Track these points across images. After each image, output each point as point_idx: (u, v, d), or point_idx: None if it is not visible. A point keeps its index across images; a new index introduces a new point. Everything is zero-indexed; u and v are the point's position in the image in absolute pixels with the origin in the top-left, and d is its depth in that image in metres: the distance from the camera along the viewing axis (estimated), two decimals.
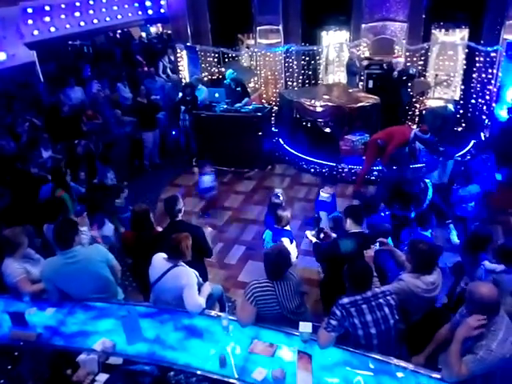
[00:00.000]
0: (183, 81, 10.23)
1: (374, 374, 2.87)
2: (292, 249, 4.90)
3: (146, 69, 11.60)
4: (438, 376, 2.83)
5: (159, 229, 4.38)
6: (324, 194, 5.82)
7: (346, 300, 3.05)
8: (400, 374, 2.86)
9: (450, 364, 2.73)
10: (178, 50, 10.32)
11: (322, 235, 4.68)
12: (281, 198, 5.41)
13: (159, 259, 3.62)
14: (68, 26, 9.91)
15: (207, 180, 6.81)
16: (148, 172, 8.72)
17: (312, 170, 8.44)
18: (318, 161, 8.38)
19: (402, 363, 2.96)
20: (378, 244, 3.94)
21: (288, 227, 4.89)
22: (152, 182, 8.26)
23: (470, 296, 2.77)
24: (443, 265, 4.46)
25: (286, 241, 4.77)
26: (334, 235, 4.65)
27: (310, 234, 4.83)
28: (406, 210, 5.44)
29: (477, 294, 2.72)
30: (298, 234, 5.50)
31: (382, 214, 5.90)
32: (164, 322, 3.41)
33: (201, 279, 3.71)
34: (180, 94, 8.90)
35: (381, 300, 3.08)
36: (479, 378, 2.72)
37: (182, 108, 8.63)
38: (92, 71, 10.86)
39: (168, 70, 11.71)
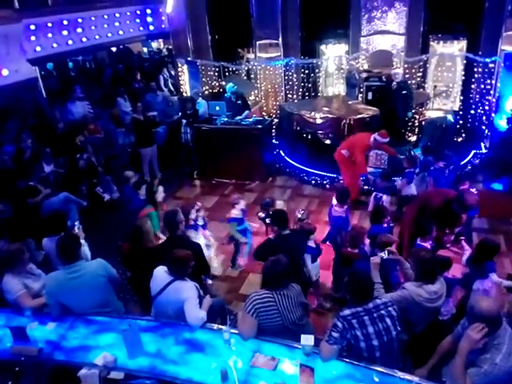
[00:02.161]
0: (184, 95, 10.34)
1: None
2: (314, 267, 4.94)
3: (137, 85, 11.62)
4: None
5: (160, 241, 4.40)
6: (338, 209, 5.76)
7: (347, 312, 3.04)
8: None
9: (455, 377, 2.70)
10: (179, 65, 10.46)
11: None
12: (305, 214, 5.46)
13: (161, 272, 3.62)
14: (70, 42, 10.04)
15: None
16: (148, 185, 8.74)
17: (313, 181, 8.46)
18: (319, 172, 8.41)
19: (406, 376, 2.93)
20: (386, 252, 3.95)
21: (312, 243, 4.92)
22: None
23: (470, 310, 2.76)
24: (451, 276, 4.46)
25: (307, 258, 4.79)
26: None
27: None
28: (450, 230, 5.33)
29: (476, 308, 2.71)
30: None
31: (385, 224, 5.89)
32: (165, 336, 3.40)
33: (202, 292, 3.70)
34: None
35: (382, 311, 3.06)
36: None
37: (183, 121, 8.69)
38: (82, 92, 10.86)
39: (169, 84, 11.83)
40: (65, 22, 9.89)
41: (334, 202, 5.89)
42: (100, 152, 8.39)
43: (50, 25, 9.57)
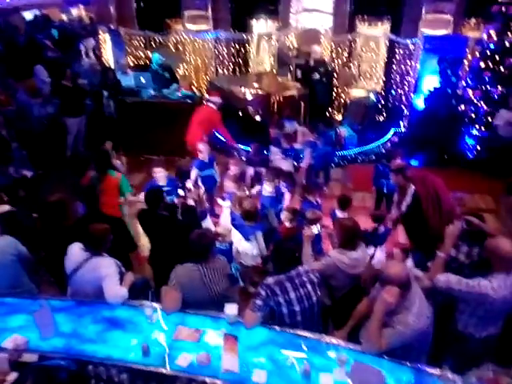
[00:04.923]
0: (107, 65, 9.74)
1: (301, 350, 2.90)
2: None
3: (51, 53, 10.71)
4: (359, 349, 2.92)
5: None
6: (268, 188, 5.46)
7: (270, 280, 3.08)
8: (327, 351, 2.91)
9: (371, 338, 2.84)
10: (101, 33, 9.81)
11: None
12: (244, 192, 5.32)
13: (75, 249, 3.41)
14: None
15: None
16: (69, 161, 8.18)
17: (243, 158, 8.43)
18: (250, 149, 8.39)
19: (325, 338, 3.03)
20: (318, 226, 4.02)
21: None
22: (74, 171, 7.76)
23: (380, 275, 2.92)
24: None
25: (258, 234, 4.67)
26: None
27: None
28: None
29: (385, 274, 2.86)
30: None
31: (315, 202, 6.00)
32: (82, 316, 3.22)
33: (123, 269, 3.54)
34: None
35: (304, 278, 3.15)
36: (397, 349, 2.85)
37: (105, 93, 8.19)
38: None
39: (91, 53, 11.07)
40: None
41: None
42: (12, 125, 7.66)
43: None
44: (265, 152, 7.20)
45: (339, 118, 9.44)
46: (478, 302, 3.10)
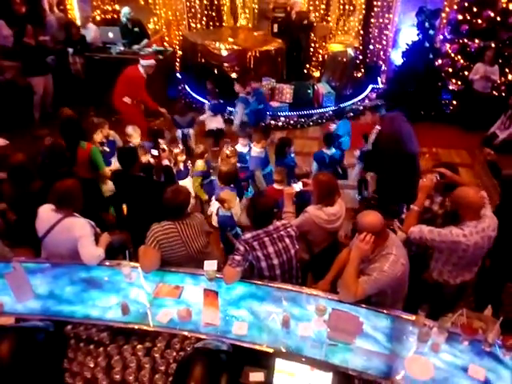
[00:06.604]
0: (72, 20, 9.16)
1: (280, 302, 2.92)
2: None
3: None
4: (336, 298, 2.97)
5: None
6: (257, 149, 5.35)
7: (248, 235, 3.08)
8: (306, 302, 2.94)
9: (347, 286, 2.88)
10: None
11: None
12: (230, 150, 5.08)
13: (46, 210, 3.29)
14: None
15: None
16: (37, 123, 7.81)
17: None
18: (227, 108, 8.18)
19: (304, 289, 3.07)
20: (301, 184, 4.00)
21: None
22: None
23: (357, 225, 2.94)
24: None
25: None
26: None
27: None
28: None
29: (359, 223, 2.89)
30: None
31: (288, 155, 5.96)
32: (58, 277, 3.16)
33: (98, 229, 3.46)
34: None
35: (282, 232, 3.14)
36: (373, 296, 2.92)
37: (70, 50, 7.75)
38: None
39: (55, 8, 10.39)
40: None
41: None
42: None
43: None
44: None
45: (317, 74, 9.23)
46: (451, 250, 3.17)
